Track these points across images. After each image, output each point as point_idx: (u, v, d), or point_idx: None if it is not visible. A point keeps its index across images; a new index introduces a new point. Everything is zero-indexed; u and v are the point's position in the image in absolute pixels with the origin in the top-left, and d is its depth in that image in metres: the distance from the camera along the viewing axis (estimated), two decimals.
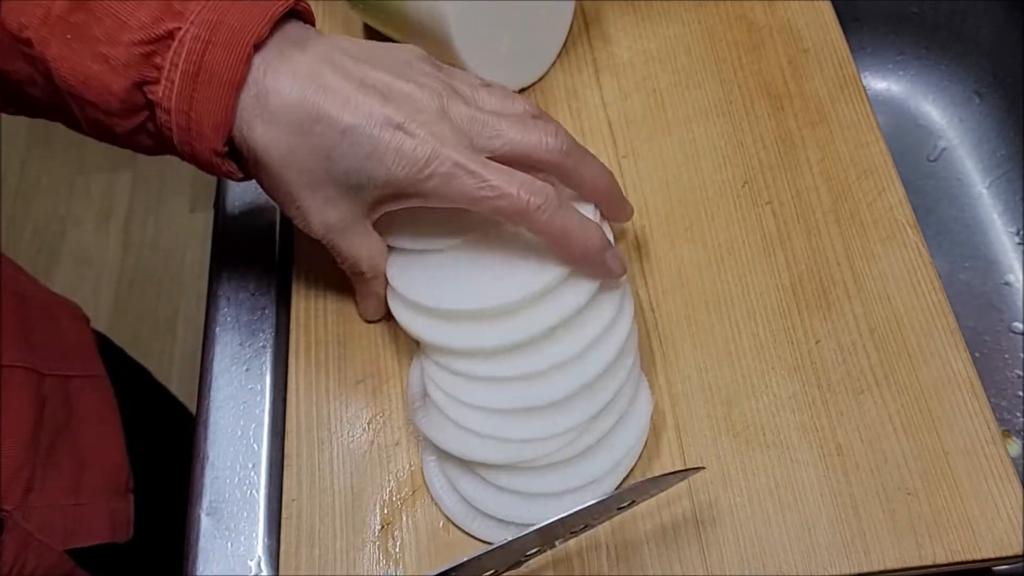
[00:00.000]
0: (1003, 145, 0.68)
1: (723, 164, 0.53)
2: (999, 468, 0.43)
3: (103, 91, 0.41)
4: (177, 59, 0.40)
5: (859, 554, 0.42)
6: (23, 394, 0.54)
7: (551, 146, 0.43)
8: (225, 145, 0.42)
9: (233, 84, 0.40)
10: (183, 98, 0.40)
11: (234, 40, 0.40)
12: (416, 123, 0.41)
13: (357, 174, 0.42)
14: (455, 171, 0.41)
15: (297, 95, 0.41)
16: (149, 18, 0.40)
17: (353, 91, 0.41)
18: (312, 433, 0.48)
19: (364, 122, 0.41)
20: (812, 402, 0.46)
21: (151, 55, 0.40)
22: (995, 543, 0.42)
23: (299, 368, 0.50)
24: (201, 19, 0.40)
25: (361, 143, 0.41)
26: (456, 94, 0.43)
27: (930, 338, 0.47)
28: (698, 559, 0.42)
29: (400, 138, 0.41)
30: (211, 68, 0.40)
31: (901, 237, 0.50)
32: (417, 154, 0.41)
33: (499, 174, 0.41)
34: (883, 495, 0.43)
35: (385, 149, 0.41)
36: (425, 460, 0.46)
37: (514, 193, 0.41)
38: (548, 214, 0.42)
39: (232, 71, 0.40)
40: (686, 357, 0.48)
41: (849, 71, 0.55)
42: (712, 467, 0.45)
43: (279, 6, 0.42)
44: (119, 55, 0.40)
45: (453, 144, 0.41)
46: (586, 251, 0.43)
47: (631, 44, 0.58)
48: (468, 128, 0.42)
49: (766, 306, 0.48)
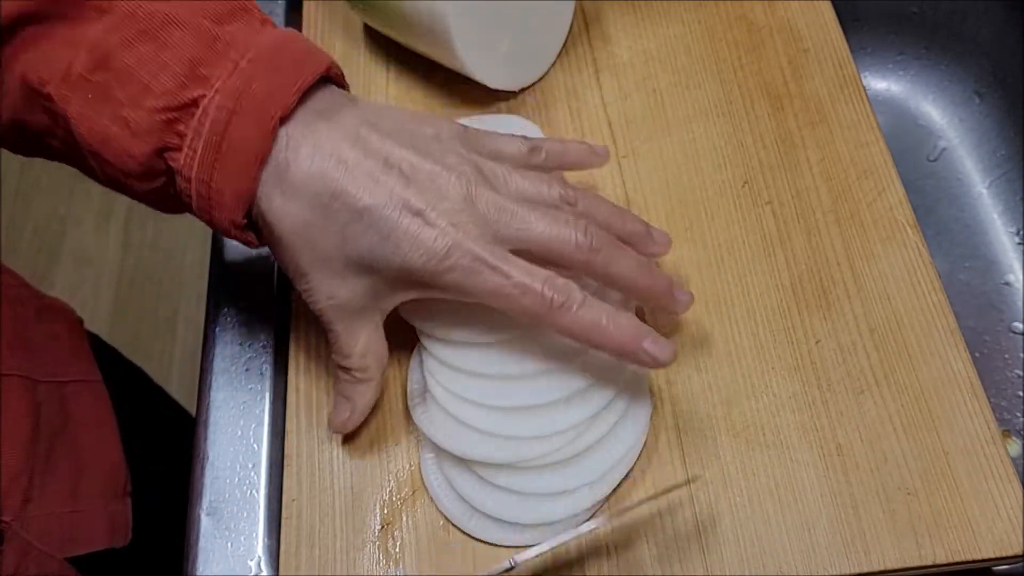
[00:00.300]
0: (1003, 145, 0.68)
1: (723, 164, 0.53)
2: (999, 468, 0.43)
3: (122, 153, 0.40)
4: (201, 128, 0.39)
5: (859, 554, 0.42)
6: (19, 402, 0.54)
7: (580, 243, 0.41)
8: (245, 217, 0.41)
9: (257, 158, 0.39)
10: (204, 168, 0.39)
11: (260, 112, 0.39)
12: (437, 211, 0.39)
13: (371, 256, 0.40)
14: (476, 265, 0.39)
15: (317, 170, 0.39)
16: (173, 83, 0.38)
17: (375, 169, 0.40)
18: (312, 433, 0.48)
19: (383, 204, 0.39)
20: (812, 402, 0.46)
21: (174, 122, 0.39)
22: (995, 543, 0.42)
23: (299, 368, 0.50)
24: (227, 87, 0.39)
25: (378, 225, 0.39)
26: (484, 179, 0.41)
27: (930, 338, 0.47)
28: (698, 558, 0.42)
29: (419, 226, 0.39)
30: (235, 140, 0.39)
31: (901, 237, 0.50)
32: (436, 245, 0.39)
33: (522, 271, 0.40)
34: (883, 495, 0.43)
35: (403, 235, 0.39)
36: (423, 458, 0.46)
37: (538, 290, 0.40)
38: (573, 312, 0.40)
39: (256, 145, 0.39)
40: (686, 357, 0.48)
41: (849, 71, 0.55)
42: (712, 467, 0.45)
43: (308, 76, 0.40)
44: (141, 120, 0.39)
45: (475, 237, 0.40)
46: (622, 345, 0.41)
47: (631, 44, 0.58)
48: (495, 218, 0.40)
49: (766, 306, 0.49)
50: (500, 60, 0.55)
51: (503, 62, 0.55)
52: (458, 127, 0.44)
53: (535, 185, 0.43)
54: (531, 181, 0.43)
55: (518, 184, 0.42)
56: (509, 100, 0.57)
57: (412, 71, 0.58)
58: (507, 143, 0.45)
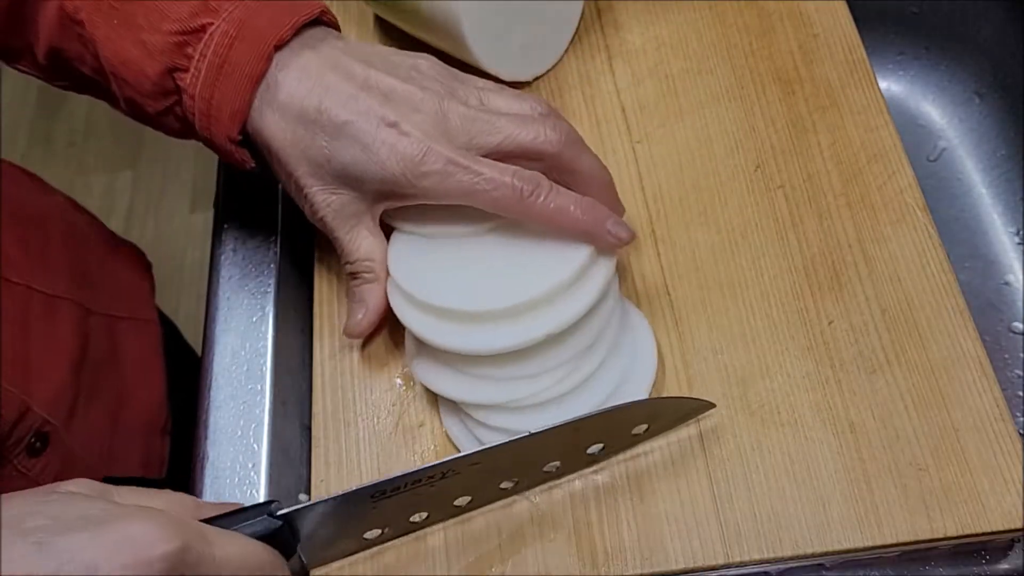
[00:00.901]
0: (1003, 145, 0.69)
1: (735, 149, 0.54)
2: (1007, 444, 0.45)
3: (139, 74, 0.45)
4: (206, 51, 0.44)
5: (872, 528, 0.43)
6: (69, 324, 0.58)
7: (549, 137, 0.44)
8: (240, 134, 0.46)
9: (252, 78, 0.44)
10: (207, 86, 0.45)
11: (258, 39, 0.44)
12: (411, 123, 0.43)
13: (355, 167, 0.44)
14: (449, 168, 0.43)
15: (303, 90, 0.44)
16: (187, 12, 0.44)
17: (354, 89, 0.44)
18: (338, 416, 0.49)
19: (360, 119, 0.44)
20: (825, 381, 0.47)
21: (184, 45, 0.44)
22: (1003, 516, 0.43)
23: (323, 353, 0.51)
24: (232, 17, 0.44)
25: (358, 137, 0.44)
26: (456, 97, 0.45)
27: (940, 318, 0.48)
28: (716, 533, 0.44)
29: (395, 136, 0.43)
30: (234, 62, 0.44)
31: (911, 219, 0.51)
32: (411, 151, 0.43)
33: (492, 168, 0.43)
34: (895, 471, 0.44)
35: (380, 144, 0.43)
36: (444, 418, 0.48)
37: (508, 182, 0.43)
38: (543, 198, 0.43)
39: (252, 66, 0.44)
40: (702, 339, 0.49)
41: (859, 55, 0.56)
42: (728, 445, 0.46)
43: (304, 15, 0.46)
44: (156, 42, 0.44)
45: (446, 142, 0.43)
46: (589, 224, 0.44)
47: (643, 30, 0.59)
48: (467, 127, 0.44)
49: (779, 288, 0.50)
50: (513, 52, 0.56)
51: (516, 54, 0.56)
52: (439, 63, 0.47)
53: (508, 101, 0.46)
54: (505, 97, 0.46)
55: (492, 99, 0.46)
56: (523, 88, 0.58)
57: None
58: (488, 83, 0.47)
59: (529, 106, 0.46)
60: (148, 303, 0.70)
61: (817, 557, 0.44)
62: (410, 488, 0.41)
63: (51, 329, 0.57)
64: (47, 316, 0.57)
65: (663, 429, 0.46)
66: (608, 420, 0.43)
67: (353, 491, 0.41)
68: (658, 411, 0.45)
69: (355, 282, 0.48)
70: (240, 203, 0.57)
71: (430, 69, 0.47)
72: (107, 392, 0.61)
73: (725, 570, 0.44)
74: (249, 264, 0.54)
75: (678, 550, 0.44)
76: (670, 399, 0.46)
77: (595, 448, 0.44)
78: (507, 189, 0.43)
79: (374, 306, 0.48)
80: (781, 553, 0.43)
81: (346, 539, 0.44)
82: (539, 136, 0.44)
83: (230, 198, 0.57)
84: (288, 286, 0.54)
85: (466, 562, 0.44)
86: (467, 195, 0.44)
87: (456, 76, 0.47)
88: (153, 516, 0.34)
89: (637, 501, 0.45)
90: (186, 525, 0.35)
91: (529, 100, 0.47)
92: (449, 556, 0.45)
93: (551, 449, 0.43)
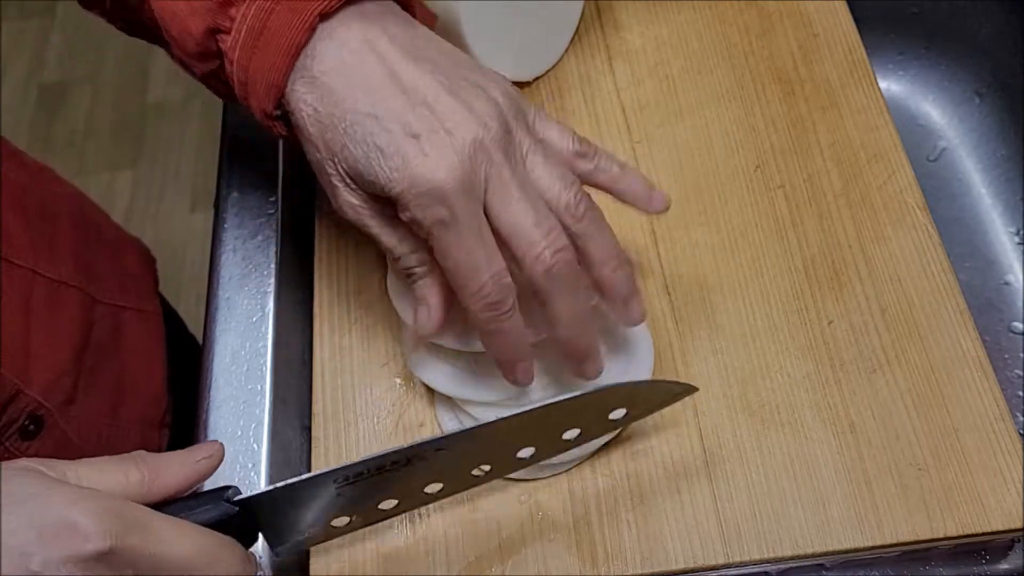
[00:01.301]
0: (1003, 145, 0.69)
1: (736, 149, 0.54)
2: (1007, 444, 0.45)
3: (183, 31, 0.42)
4: (247, 14, 0.40)
5: (872, 528, 0.43)
6: (73, 311, 0.57)
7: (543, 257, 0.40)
8: (277, 108, 0.41)
9: (290, 49, 0.40)
10: (244, 53, 0.41)
11: (301, 5, 0.40)
12: (434, 144, 0.38)
13: (365, 163, 0.40)
14: (444, 217, 0.39)
15: (336, 65, 0.40)
16: None
17: (388, 83, 0.39)
18: (338, 416, 0.49)
19: (383, 117, 0.39)
20: (825, 381, 0.47)
21: (227, 5, 0.40)
22: (1003, 516, 0.43)
23: (323, 353, 0.51)
24: None
25: (374, 136, 0.39)
26: (501, 141, 0.40)
27: (940, 318, 0.48)
28: (716, 533, 0.44)
29: (412, 150, 0.38)
30: (274, 29, 0.40)
31: (911, 219, 0.51)
32: (420, 173, 0.38)
33: (484, 248, 0.39)
34: (895, 471, 0.44)
35: (393, 154, 0.39)
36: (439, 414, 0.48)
37: (484, 280, 0.39)
38: (496, 314, 0.40)
39: (291, 36, 0.40)
40: (702, 339, 0.49)
41: (859, 55, 0.56)
42: (728, 445, 0.46)
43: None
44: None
45: (458, 184, 0.38)
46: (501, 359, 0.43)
47: (643, 30, 0.59)
48: (489, 182, 0.39)
49: (779, 288, 0.50)
50: (513, 52, 0.56)
51: (516, 54, 0.56)
52: (515, 93, 0.42)
53: (550, 179, 0.41)
54: (549, 173, 0.41)
55: (535, 166, 0.41)
56: (523, 89, 0.58)
57: None
58: (559, 132, 0.43)
59: (566, 201, 0.41)
60: (152, 294, 0.69)
61: (817, 557, 0.44)
62: (375, 474, 0.40)
63: (54, 314, 0.56)
64: (50, 301, 0.56)
65: (644, 414, 0.45)
66: (581, 404, 0.42)
67: (313, 476, 0.39)
68: (635, 396, 0.43)
69: (409, 280, 0.43)
70: (240, 203, 0.57)
71: (499, 92, 0.41)
72: (107, 381, 0.60)
73: (725, 570, 0.44)
74: (249, 264, 0.54)
75: (678, 550, 0.44)
76: (645, 383, 0.45)
77: (571, 434, 0.43)
78: (475, 284, 0.39)
79: (436, 302, 0.43)
80: (781, 553, 0.43)
81: (312, 527, 0.42)
82: (534, 251, 0.40)
83: (230, 198, 0.57)
84: (288, 286, 0.54)
85: (466, 562, 0.44)
86: (440, 252, 0.40)
87: (522, 116, 0.42)
88: (93, 505, 0.33)
89: (637, 501, 0.45)
90: (129, 516, 0.34)
91: (571, 193, 0.41)
92: (449, 556, 0.45)
93: (524, 435, 0.42)
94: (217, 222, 0.56)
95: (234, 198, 0.57)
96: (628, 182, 0.45)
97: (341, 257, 0.54)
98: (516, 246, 0.40)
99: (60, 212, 0.61)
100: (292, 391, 0.51)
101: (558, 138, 0.43)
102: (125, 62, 1.74)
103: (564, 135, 0.43)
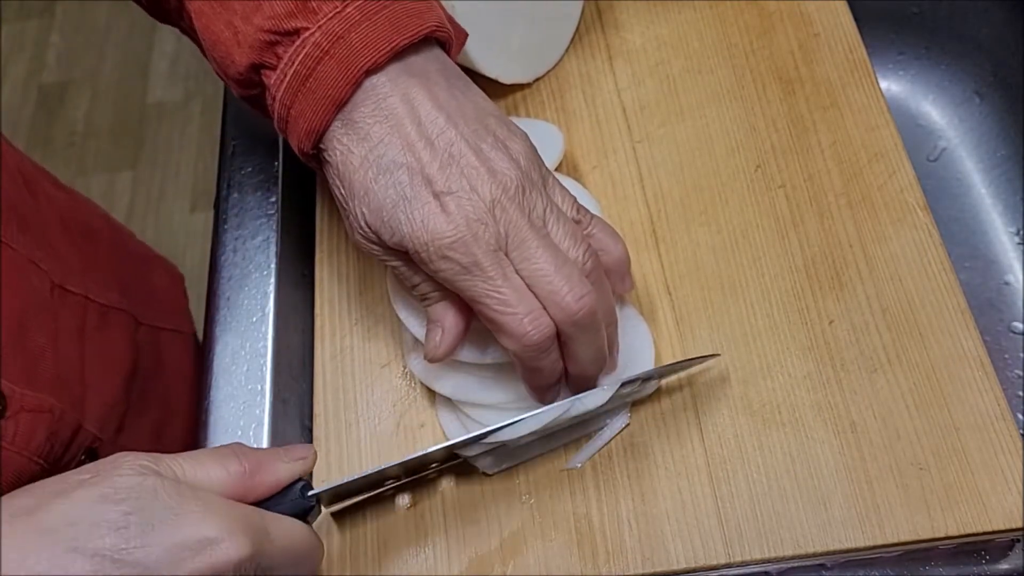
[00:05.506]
0: (1003, 145, 0.69)
1: (736, 148, 0.54)
2: (1008, 443, 0.45)
3: (227, 58, 0.43)
4: (295, 58, 0.41)
5: (873, 527, 0.43)
6: (123, 336, 0.57)
7: (564, 304, 0.40)
8: (314, 148, 0.43)
9: (335, 100, 0.41)
10: (288, 94, 0.41)
11: (350, 60, 0.41)
12: (457, 202, 0.40)
13: (387, 213, 0.41)
14: (472, 268, 0.40)
15: (373, 113, 0.41)
16: (283, 10, 0.41)
17: (418, 140, 0.41)
18: (340, 416, 0.49)
19: (410, 172, 0.40)
20: (826, 381, 0.47)
21: (274, 44, 0.41)
22: (1004, 516, 0.43)
23: (325, 354, 0.51)
24: (328, 28, 0.40)
25: (399, 189, 0.40)
26: (520, 198, 0.41)
27: (941, 317, 0.48)
28: (717, 533, 0.44)
29: (434, 207, 0.40)
30: (320, 78, 0.41)
31: (912, 219, 0.51)
32: (442, 230, 0.39)
33: (515, 292, 0.40)
34: (896, 470, 0.44)
35: (416, 208, 0.40)
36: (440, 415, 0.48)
37: (520, 315, 0.40)
38: (536, 353, 0.41)
39: (337, 89, 0.41)
40: (703, 338, 0.49)
41: (859, 55, 0.56)
42: (729, 445, 0.46)
43: (407, 36, 0.41)
44: (247, 32, 0.42)
45: (482, 239, 0.40)
46: (538, 388, 0.44)
47: (644, 30, 0.59)
48: (510, 237, 0.40)
49: (780, 288, 0.50)
50: (512, 55, 0.55)
51: (515, 57, 0.56)
52: (533, 150, 0.43)
53: (563, 234, 0.42)
54: (563, 229, 0.42)
55: (549, 223, 0.42)
56: (524, 89, 0.58)
57: None
58: (562, 194, 0.44)
59: (580, 257, 0.42)
60: (186, 314, 0.68)
61: (818, 556, 0.44)
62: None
63: (105, 342, 0.55)
64: (101, 328, 0.55)
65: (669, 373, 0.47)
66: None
67: (384, 468, 0.42)
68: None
69: (424, 303, 0.44)
70: (240, 203, 0.57)
71: (520, 153, 0.42)
72: (153, 405, 0.60)
73: (726, 570, 0.44)
74: (249, 264, 0.54)
75: (679, 550, 0.44)
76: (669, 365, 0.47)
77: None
78: (515, 321, 0.40)
79: (450, 325, 0.43)
80: (782, 552, 0.43)
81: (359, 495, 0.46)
82: (556, 297, 0.40)
83: (230, 198, 0.57)
84: (288, 286, 0.54)
85: (467, 562, 0.45)
86: (474, 300, 0.40)
87: (540, 170, 0.43)
88: (221, 517, 0.35)
89: (638, 501, 0.45)
90: (254, 522, 0.36)
91: (578, 250, 0.42)
92: (450, 556, 0.45)
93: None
94: (217, 222, 0.56)
95: (234, 198, 0.57)
96: (611, 258, 0.45)
97: (342, 257, 0.54)
98: (539, 293, 0.41)
99: (97, 231, 0.60)
100: (292, 391, 0.51)
101: (561, 200, 0.44)
102: (125, 62, 1.74)
103: (567, 198, 0.44)
